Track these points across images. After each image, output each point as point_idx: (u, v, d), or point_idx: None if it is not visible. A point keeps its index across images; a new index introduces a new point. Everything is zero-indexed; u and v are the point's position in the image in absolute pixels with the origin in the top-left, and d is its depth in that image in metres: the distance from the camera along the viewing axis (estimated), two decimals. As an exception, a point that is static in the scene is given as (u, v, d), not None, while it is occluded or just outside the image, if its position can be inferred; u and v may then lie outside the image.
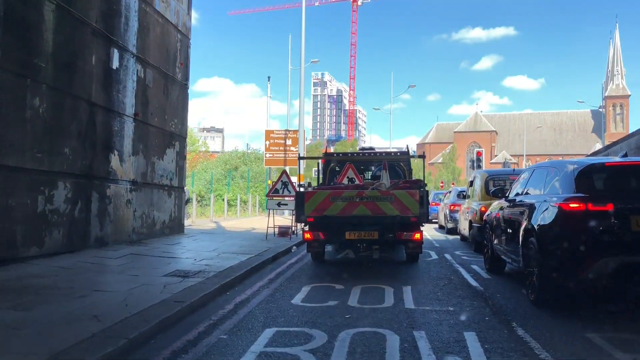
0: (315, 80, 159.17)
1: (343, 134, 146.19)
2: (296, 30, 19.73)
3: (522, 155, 76.33)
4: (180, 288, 6.48)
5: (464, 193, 14.62)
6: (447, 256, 10.90)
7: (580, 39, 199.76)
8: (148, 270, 7.75)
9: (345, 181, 10.16)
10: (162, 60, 12.20)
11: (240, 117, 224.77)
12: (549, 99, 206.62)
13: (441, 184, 49.40)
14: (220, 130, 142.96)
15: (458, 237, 15.13)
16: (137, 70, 10.98)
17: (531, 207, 6.50)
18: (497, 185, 11.54)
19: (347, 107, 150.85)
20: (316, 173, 14.62)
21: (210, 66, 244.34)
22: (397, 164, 11.31)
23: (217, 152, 54.63)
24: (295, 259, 10.35)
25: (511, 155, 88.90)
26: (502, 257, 7.97)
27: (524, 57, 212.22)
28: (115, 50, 10.01)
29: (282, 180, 13.44)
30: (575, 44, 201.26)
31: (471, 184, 13.01)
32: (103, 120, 9.67)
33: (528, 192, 7.24)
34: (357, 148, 16.48)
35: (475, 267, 9.28)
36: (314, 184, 13.27)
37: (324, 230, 8.47)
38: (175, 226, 13.07)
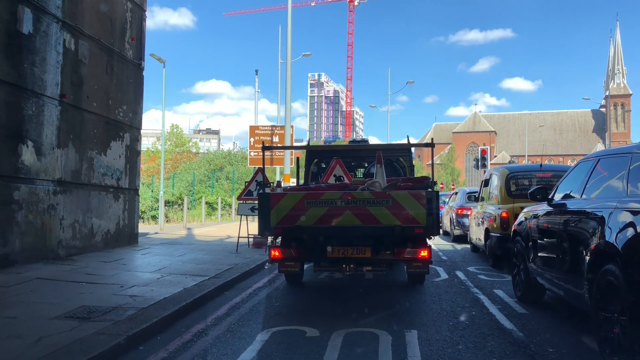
0: (312, 82, 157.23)
1: (340, 135, 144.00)
2: (292, 29, 17.45)
3: (524, 156, 74.23)
4: (61, 343, 4.18)
5: (475, 194, 12.32)
6: (460, 275, 8.59)
7: (578, 38, 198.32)
8: (40, 307, 5.40)
9: (332, 180, 7.85)
10: (103, 32, 9.84)
11: (238, 119, 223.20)
12: (547, 100, 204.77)
13: (441, 185, 47.17)
14: (216, 132, 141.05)
15: (468, 246, 12.82)
16: (65, 40, 8.61)
17: (600, 216, 4.21)
18: (521, 184, 9.24)
19: (344, 109, 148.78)
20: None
21: (208, 69, 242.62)
22: (395, 159, 9.15)
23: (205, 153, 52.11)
24: (266, 281, 8.03)
25: (511, 156, 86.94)
26: (545, 284, 5.66)
27: (521, 59, 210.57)
28: (27, 10, 7.65)
29: (256, 181, 11.12)
30: (574, 44, 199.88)
31: (486, 183, 10.68)
32: (6, 99, 7.31)
33: (588, 193, 4.93)
34: (348, 142, 14.01)
35: (499, 292, 6.97)
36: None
37: (298, 246, 6.23)
38: (125, 236, 10.70)
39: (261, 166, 16.03)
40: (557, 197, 5.67)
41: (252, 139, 22.58)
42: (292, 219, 5.93)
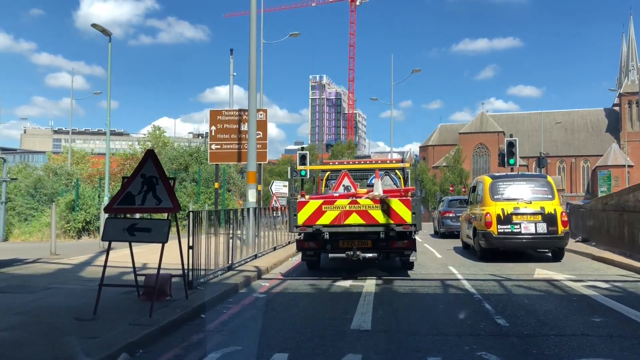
0: (313, 84, 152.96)
1: (342, 138, 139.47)
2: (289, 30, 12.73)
3: (534, 157, 69.40)
4: None
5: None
6: None
7: (586, 40, 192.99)
8: None
9: (341, 190, 10.15)
10: None
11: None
12: (555, 103, 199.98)
13: (451, 188, 42.70)
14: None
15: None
16: None
17: None
18: None
19: (346, 111, 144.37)
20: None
21: (217, 75, 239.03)
22: (392, 172, 11.57)
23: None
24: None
25: (520, 158, 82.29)
26: None
27: (527, 66, 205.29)
28: None
29: (142, 175, 6.46)
30: (581, 45, 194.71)
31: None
32: None
33: None
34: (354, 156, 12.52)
35: None
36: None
37: (317, 240, 8.75)
38: None
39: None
40: None
41: (213, 128, 17.54)
42: (313, 219, 8.53)
